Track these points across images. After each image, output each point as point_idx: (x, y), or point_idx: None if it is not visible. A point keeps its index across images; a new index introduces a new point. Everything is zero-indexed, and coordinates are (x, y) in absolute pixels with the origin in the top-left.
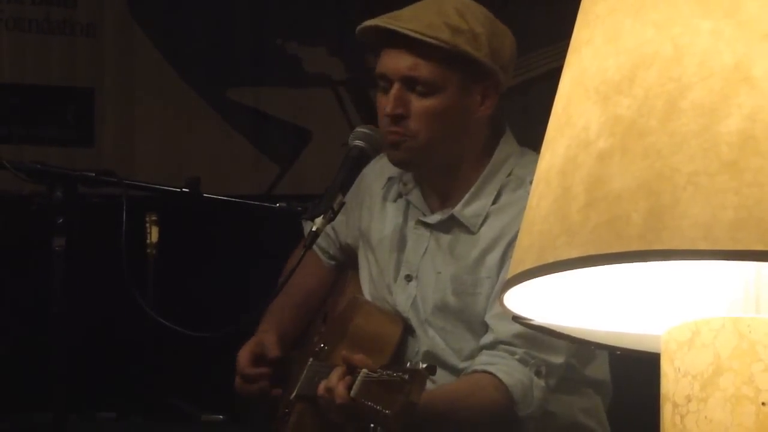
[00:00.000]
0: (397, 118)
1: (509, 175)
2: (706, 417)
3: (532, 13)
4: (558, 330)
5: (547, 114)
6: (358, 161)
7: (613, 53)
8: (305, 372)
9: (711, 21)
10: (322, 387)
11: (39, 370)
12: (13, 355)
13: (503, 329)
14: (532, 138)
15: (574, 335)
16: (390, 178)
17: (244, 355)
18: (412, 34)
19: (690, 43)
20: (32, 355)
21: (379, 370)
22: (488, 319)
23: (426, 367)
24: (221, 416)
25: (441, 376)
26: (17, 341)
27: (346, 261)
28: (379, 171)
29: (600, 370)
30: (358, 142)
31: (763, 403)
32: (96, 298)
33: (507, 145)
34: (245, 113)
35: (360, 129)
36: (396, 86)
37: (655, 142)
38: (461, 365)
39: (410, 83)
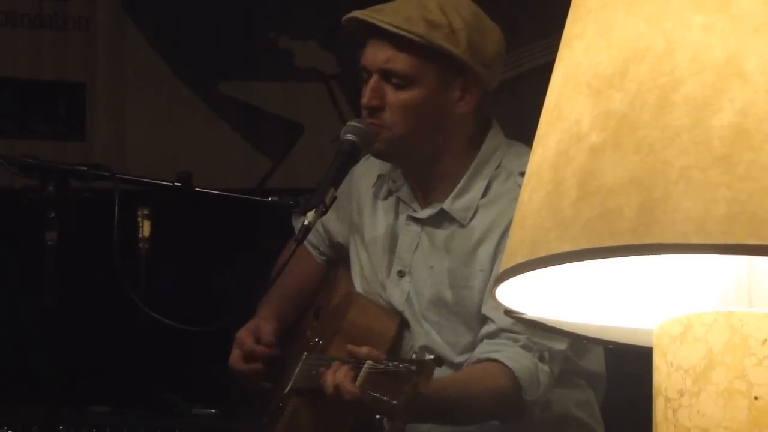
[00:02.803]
0: (373, 110)
1: (498, 167)
2: (698, 411)
3: (523, 7)
4: (550, 324)
5: (539, 108)
6: (350, 155)
7: (605, 47)
8: (300, 366)
9: (703, 15)
10: (329, 385)
11: (31, 364)
12: (4, 348)
13: (504, 318)
14: (524, 132)
15: (566, 329)
16: (380, 176)
17: (246, 333)
18: (388, 27)
19: (682, 38)
20: (24, 349)
21: (384, 361)
22: (486, 311)
23: (433, 358)
24: (213, 410)
25: (438, 370)
26: (9, 335)
27: (337, 258)
28: (368, 169)
29: (596, 361)
30: (349, 136)
31: (755, 398)
32: (88, 292)
33: (494, 138)
34: (237, 107)
35: (352, 123)
36: (373, 78)
37: (647, 136)
38: (457, 359)
39: (386, 75)
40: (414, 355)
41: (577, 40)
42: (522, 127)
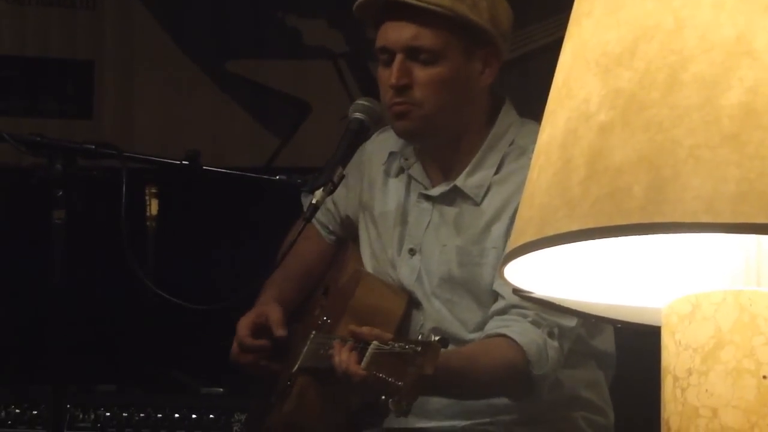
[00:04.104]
0: (402, 89)
1: (511, 144)
2: (706, 390)
3: None
4: (559, 303)
5: (548, 87)
6: (358, 134)
7: (613, 25)
8: (308, 345)
9: None
10: (336, 367)
11: (39, 342)
12: (13, 327)
13: (514, 294)
14: (533, 111)
15: (575, 308)
16: (391, 153)
17: (244, 324)
18: (415, 2)
19: (691, 16)
20: (32, 328)
21: (390, 342)
22: (497, 287)
23: (439, 339)
24: (221, 389)
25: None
26: (17, 314)
27: (346, 236)
28: (379, 146)
29: (607, 342)
30: (357, 115)
31: (764, 377)
32: (96, 271)
33: (507, 116)
34: (245, 86)
35: (360, 101)
36: (399, 57)
37: (656, 114)
38: (468, 337)
39: (413, 53)
40: (420, 336)
41: (585, 18)
42: (531, 105)
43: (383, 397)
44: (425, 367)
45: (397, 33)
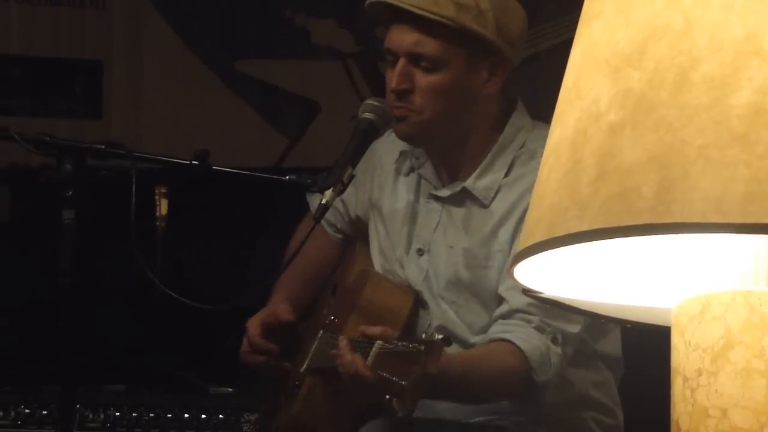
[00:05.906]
0: (402, 93)
1: (521, 147)
2: (716, 390)
3: None
4: (568, 303)
5: (558, 87)
6: (367, 134)
7: (623, 25)
8: (316, 344)
9: None
10: (341, 368)
11: (48, 343)
12: (22, 327)
13: (518, 299)
14: (543, 111)
15: (584, 308)
16: (402, 152)
17: (254, 323)
18: (417, 10)
19: (701, 16)
20: (41, 328)
21: (394, 341)
22: (502, 291)
23: (442, 338)
24: (230, 389)
25: (452, 349)
26: (26, 313)
27: (355, 235)
28: (390, 145)
29: (612, 345)
30: (367, 115)
31: None
32: (105, 271)
33: (519, 119)
34: (254, 85)
35: (369, 101)
36: (401, 61)
37: (666, 114)
38: (472, 339)
39: (415, 59)
40: (424, 335)
41: (595, 19)
42: (540, 105)
43: (388, 397)
44: (429, 366)
45: (400, 37)
